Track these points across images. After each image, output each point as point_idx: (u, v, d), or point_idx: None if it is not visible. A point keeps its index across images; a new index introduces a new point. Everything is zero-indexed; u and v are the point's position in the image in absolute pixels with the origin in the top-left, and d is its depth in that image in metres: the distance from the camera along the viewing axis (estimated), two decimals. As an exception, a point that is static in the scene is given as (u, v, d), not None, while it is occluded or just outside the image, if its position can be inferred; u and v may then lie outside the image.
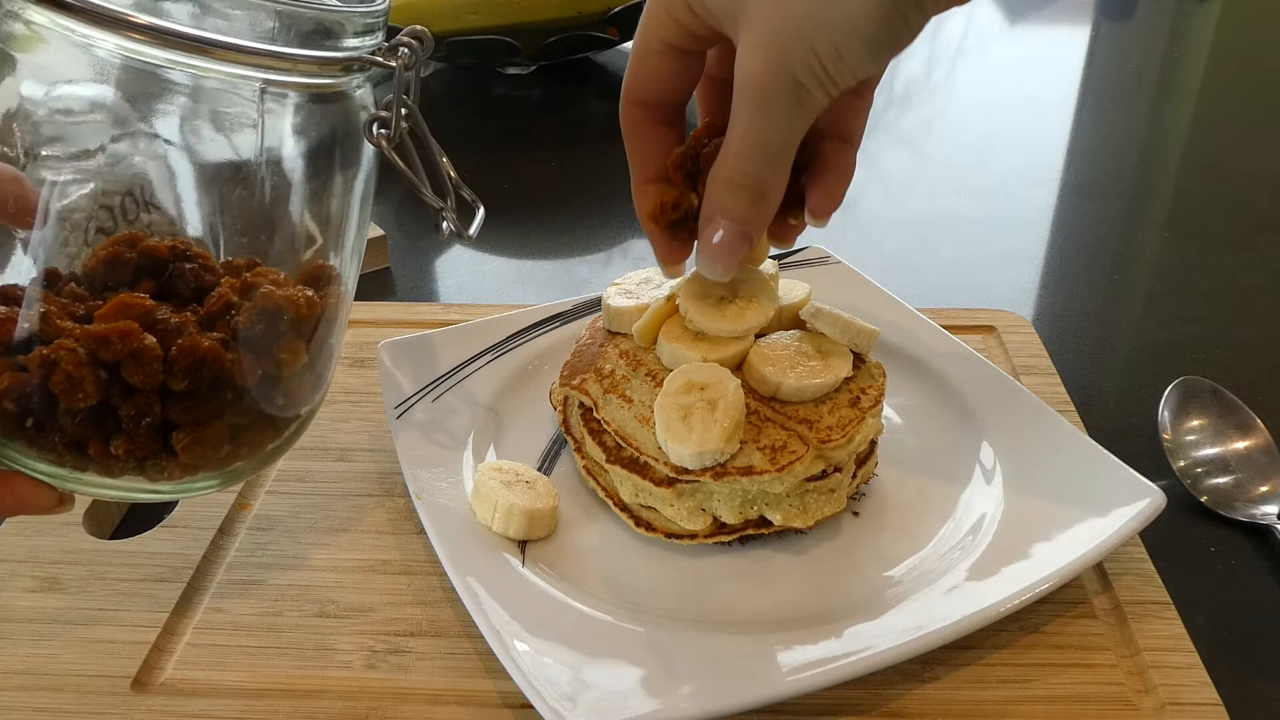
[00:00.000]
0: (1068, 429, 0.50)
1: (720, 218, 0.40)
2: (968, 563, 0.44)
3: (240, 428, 0.38)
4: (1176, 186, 0.93)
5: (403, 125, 0.38)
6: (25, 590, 0.45)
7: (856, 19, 0.33)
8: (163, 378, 0.35)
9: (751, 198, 0.39)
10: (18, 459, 0.36)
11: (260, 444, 0.40)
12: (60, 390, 0.34)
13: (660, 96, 0.41)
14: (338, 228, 0.40)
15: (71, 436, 0.35)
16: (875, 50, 0.35)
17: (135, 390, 0.35)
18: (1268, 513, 0.49)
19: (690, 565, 0.46)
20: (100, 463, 0.36)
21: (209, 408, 0.37)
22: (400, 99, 0.38)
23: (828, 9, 0.34)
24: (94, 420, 0.35)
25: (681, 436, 0.43)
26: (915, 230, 0.80)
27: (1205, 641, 0.42)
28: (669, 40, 0.39)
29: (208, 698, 0.40)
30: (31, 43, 0.34)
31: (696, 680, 0.39)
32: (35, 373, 0.34)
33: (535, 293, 0.72)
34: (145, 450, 0.36)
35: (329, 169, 0.39)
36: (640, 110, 0.41)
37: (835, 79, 0.35)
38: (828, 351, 0.47)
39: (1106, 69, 1.24)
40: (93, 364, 0.34)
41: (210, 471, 0.38)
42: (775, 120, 0.36)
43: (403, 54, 0.37)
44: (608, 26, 1.04)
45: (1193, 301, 0.71)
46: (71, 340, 0.34)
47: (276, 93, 0.36)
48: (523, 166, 0.94)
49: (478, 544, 0.45)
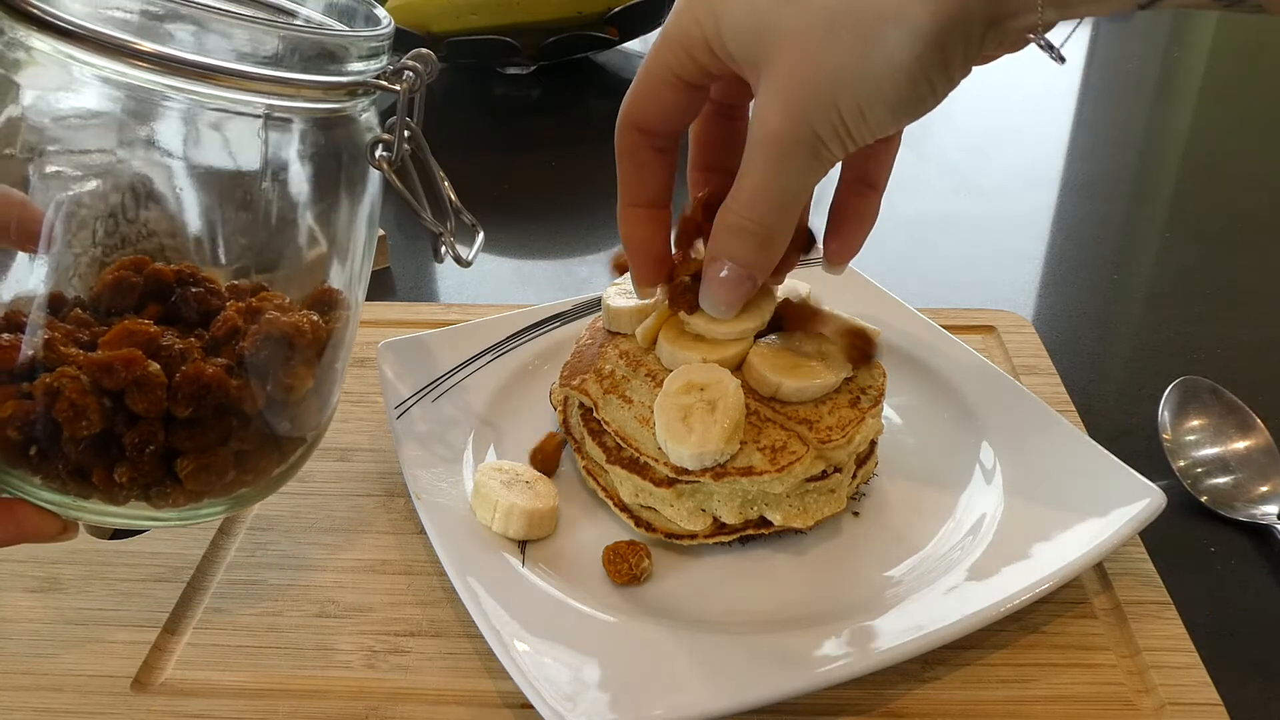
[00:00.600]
0: (1068, 429, 0.50)
1: (726, 260, 0.40)
2: (968, 563, 0.44)
3: (245, 454, 0.38)
4: (1176, 186, 0.93)
5: (405, 148, 0.38)
6: (25, 590, 0.45)
7: (883, 81, 0.33)
8: (167, 405, 0.35)
9: (758, 244, 0.39)
10: (21, 487, 0.36)
11: (266, 469, 0.39)
12: (64, 418, 0.34)
13: (660, 125, 0.41)
14: (344, 251, 0.40)
15: (75, 464, 0.35)
16: (898, 113, 0.35)
17: (139, 418, 0.35)
18: (1268, 513, 0.49)
19: (690, 565, 0.46)
20: (104, 490, 0.36)
21: (214, 434, 0.36)
22: (403, 122, 0.38)
23: (855, 69, 0.33)
24: (98, 448, 0.35)
25: (681, 437, 0.43)
26: (915, 230, 0.81)
27: (1205, 641, 0.42)
28: (681, 74, 0.38)
29: (208, 698, 0.40)
30: (34, 68, 0.34)
31: (696, 680, 0.39)
32: (39, 400, 0.34)
33: (535, 293, 0.72)
34: (149, 478, 0.36)
35: (334, 192, 0.39)
36: (638, 136, 0.41)
37: (855, 137, 0.35)
38: (828, 352, 0.47)
39: (1106, 69, 1.24)
40: (96, 392, 0.34)
41: (215, 498, 0.38)
42: (789, 172, 0.36)
43: (407, 77, 0.37)
44: (608, 26, 1.04)
45: (1193, 301, 0.71)
46: (75, 368, 0.34)
47: (281, 118, 0.36)
48: (523, 166, 0.94)
49: (478, 544, 0.45)
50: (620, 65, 1.16)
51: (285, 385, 0.38)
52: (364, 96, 0.37)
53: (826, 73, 0.34)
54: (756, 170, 0.37)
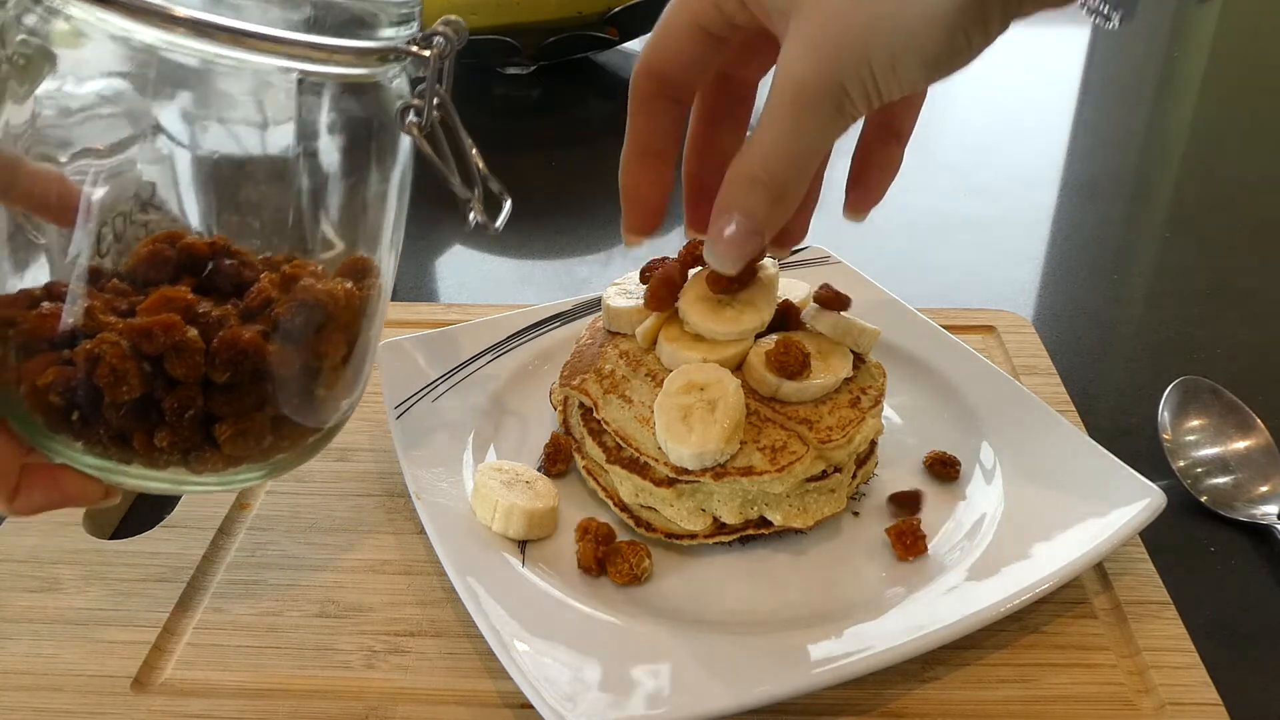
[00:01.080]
0: (1068, 429, 0.50)
1: (735, 213, 0.38)
2: (968, 563, 0.44)
3: (282, 420, 0.39)
4: (1176, 186, 0.93)
5: (434, 114, 0.38)
6: (25, 590, 0.45)
7: (919, 33, 0.33)
8: (205, 370, 0.36)
9: (771, 198, 0.37)
10: (64, 453, 0.36)
11: (302, 436, 0.40)
12: (104, 383, 0.34)
13: (678, 75, 0.40)
14: (375, 220, 0.41)
15: (116, 429, 0.36)
16: (930, 67, 0.34)
17: (178, 383, 0.36)
18: (1268, 513, 0.49)
19: (690, 565, 0.46)
20: (145, 455, 0.36)
21: (251, 399, 0.37)
22: (433, 88, 0.38)
23: (892, 17, 0.33)
24: (138, 413, 0.35)
25: (681, 437, 0.43)
26: (915, 230, 0.81)
27: (1205, 641, 0.42)
28: (704, 24, 0.38)
29: (208, 698, 0.40)
30: (70, 38, 0.34)
31: (696, 680, 0.39)
32: (80, 366, 0.35)
33: (535, 293, 0.72)
34: (189, 442, 0.36)
35: (366, 161, 0.39)
36: (653, 84, 0.40)
37: (883, 92, 0.34)
38: (828, 352, 0.47)
39: (1106, 69, 1.24)
40: (136, 357, 0.35)
41: (254, 463, 0.39)
42: (810, 125, 0.35)
43: (437, 43, 0.37)
44: (608, 26, 1.04)
45: (1193, 301, 0.71)
46: (115, 334, 0.35)
47: (313, 84, 0.36)
48: (523, 166, 0.94)
49: (478, 544, 0.45)
50: (620, 65, 1.16)
51: (320, 351, 0.38)
52: (395, 62, 0.38)
53: (861, 20, 0.33)
54: (776, 121, 0.36)
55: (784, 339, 0.46)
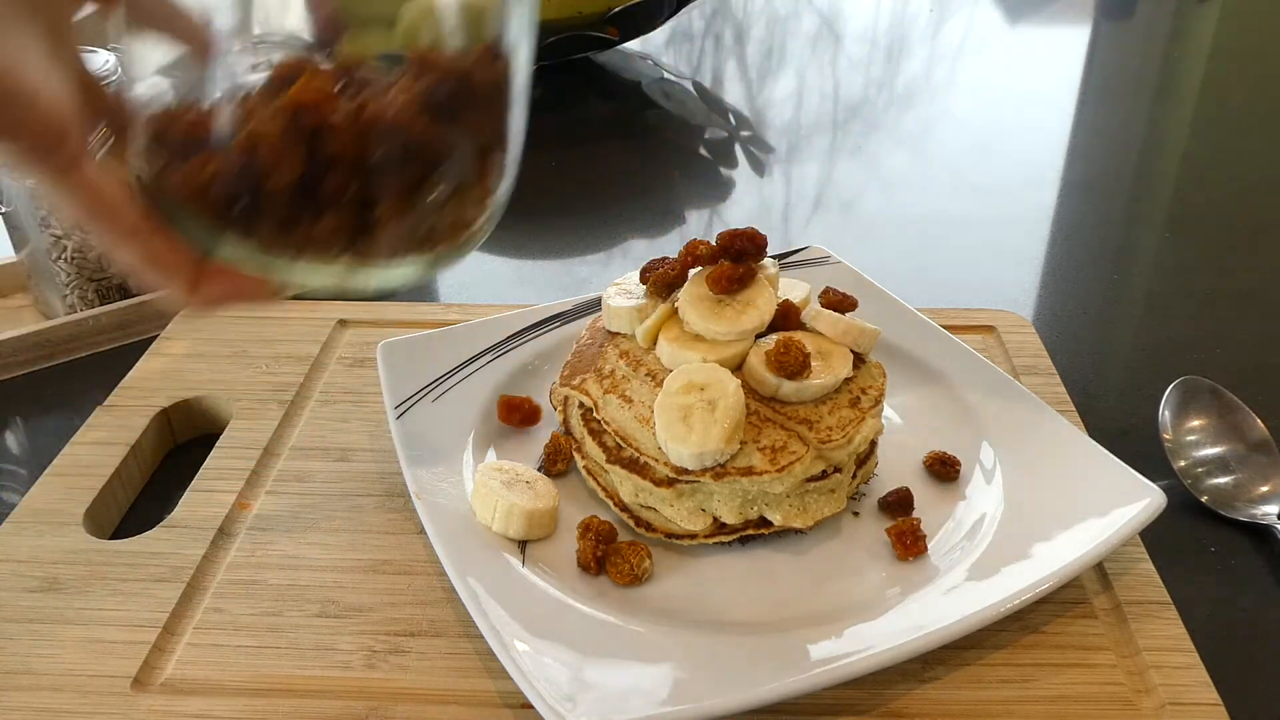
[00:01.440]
0: (1068, 429, 0.50)
1: None
2: (968, 563, 0.44)
3: (439, 205, 0.39)
4: (1176, 186, 0.93)
5: None
6: (25, 590, 0.45)
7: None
8: (359, 148, 0.36)
9: None
10: (234, 253, 0.37)
11: (460, 225, 0.40)
12: (264, 166, 0.35)
13: None
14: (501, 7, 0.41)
15: (280, 218, 0.36)
16: None
17: (333, 167, 0.36)
18: (1268, 513, 0.49)
19: (690, 565, 0.46)
20: (310, 245, 0.37)
21: (406, 176, 0.37)
22: None
23: None
24: (300, 199, 0.36)
25: (681, 437, 0.43)
26: (915, 230, 0.80)
27: (1205, 641, 0.42)
28: None
29: (208, 698, 0.40)
30: None
31: (696, 680, 0.39)
32: (239, 154, 0.35)
33: (535, 293, 0.72)
34: (350, 226, 0.37)
35: None
36: None
37: None
38: (828, 352, 0.47)
39: (1106, 69, 1.24)
40: (294, 135, 0.35)
41: (415, 254, 0.39)
42: None
43: None
44: (608, 26, 1.04)
45: (1193, 301, 0.71)
46: (268, 115, 0.35)
47: None
48: (522, 166, 0.93)
49: (478, 544, 0.45)
50: (620, 65, 1.16)
51: (469, 127, 0.39)
52: None
53: None
54: None
55: (784, 339, 0.46)
